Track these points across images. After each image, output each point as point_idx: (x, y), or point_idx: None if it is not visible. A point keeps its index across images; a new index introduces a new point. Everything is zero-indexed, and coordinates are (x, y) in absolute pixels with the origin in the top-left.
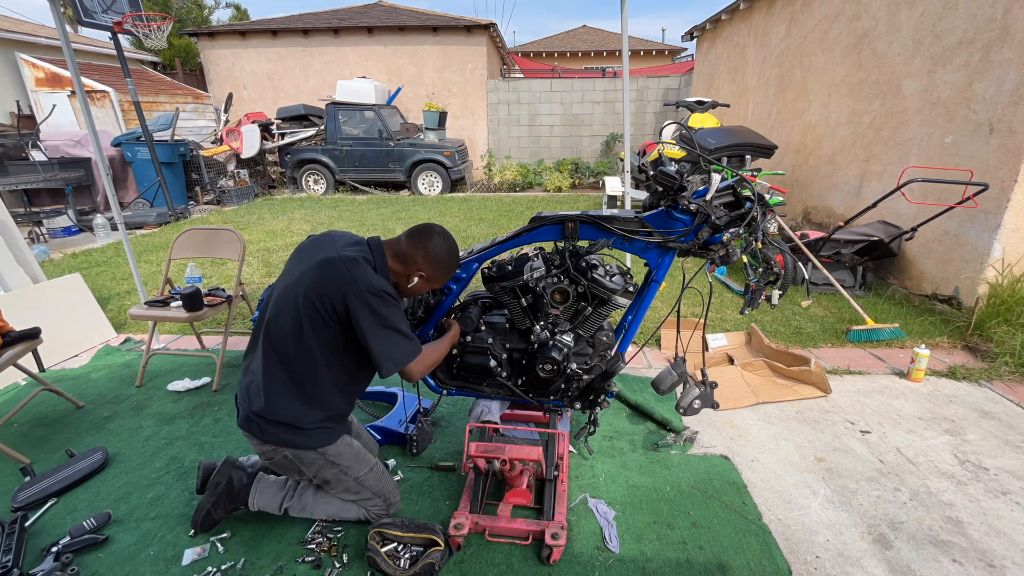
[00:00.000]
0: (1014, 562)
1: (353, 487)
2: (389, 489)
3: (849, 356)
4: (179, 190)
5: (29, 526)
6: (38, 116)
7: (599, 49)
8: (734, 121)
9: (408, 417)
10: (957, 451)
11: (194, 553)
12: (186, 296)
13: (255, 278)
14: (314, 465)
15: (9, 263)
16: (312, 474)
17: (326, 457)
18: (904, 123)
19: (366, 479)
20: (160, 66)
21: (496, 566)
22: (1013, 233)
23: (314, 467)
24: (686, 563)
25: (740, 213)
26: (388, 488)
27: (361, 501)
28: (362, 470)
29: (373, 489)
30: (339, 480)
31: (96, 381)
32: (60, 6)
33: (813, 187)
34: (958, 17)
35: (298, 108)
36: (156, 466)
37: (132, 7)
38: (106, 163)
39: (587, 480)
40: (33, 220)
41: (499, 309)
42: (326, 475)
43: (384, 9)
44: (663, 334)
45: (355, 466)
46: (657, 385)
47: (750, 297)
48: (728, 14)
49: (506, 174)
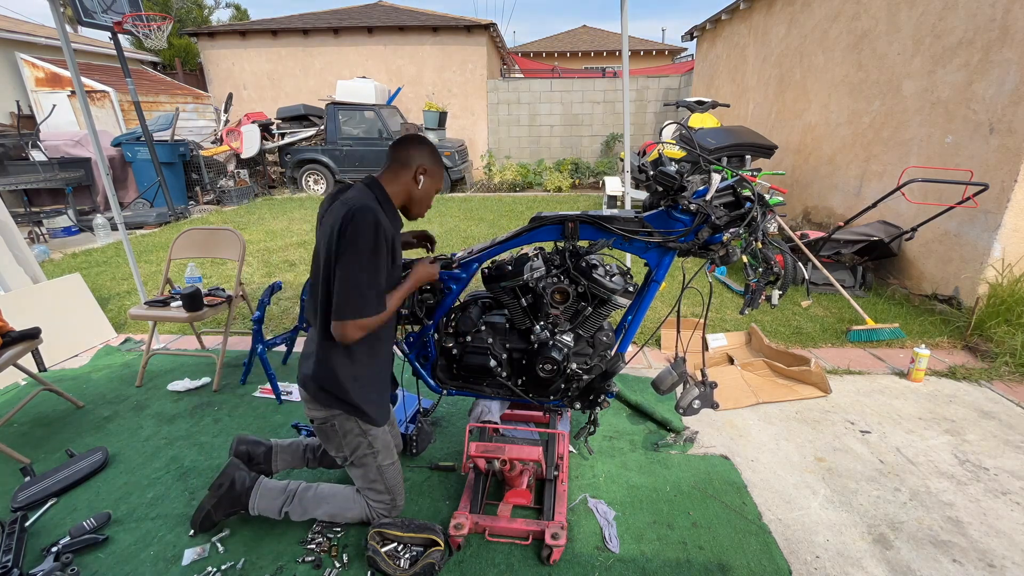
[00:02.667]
0: (1014, 562)
1: (373, 475)
2: (399, 488)
3: (849, 356)
4: (179, 190)
5: (29, 526)
6: (38, 116)
7: (599, 49)
8: (734, 121)
9: (408, 417)
10: (957, 451)
11: (194, 553)
12: (186, 296)
13: (255, 278)
14: (352, 437)
15: (9, 263)
16: (348, 450)
17: (366, 435)
18: (904, 123)
19: (387, 471)
20: (160, 66)
21: (496, 566)
22: (1013, 233)
23: (352, 441)
24: (686, 563)
25: (740, 213)
26: (399, 487)
27: (372, 494)
28: (387, 460)
29: (388, 483)
30: (366, 463)
31: (96, 381)
32: (60, 6)
33: (813, 187)
34: (958, 17)
35: (298, 108)
36: (156, 466)
37: (132, 7)
38: (106, 163)
39: (587, 480)
40: (33, 220)
41: (499, 309)
42: (359, 454)
43: (384, 9)
44: (663, 334)
45: (383, 453)
46: (657, 385)
47: (750, 297)
48: (728, 14)
49: (506, 174)
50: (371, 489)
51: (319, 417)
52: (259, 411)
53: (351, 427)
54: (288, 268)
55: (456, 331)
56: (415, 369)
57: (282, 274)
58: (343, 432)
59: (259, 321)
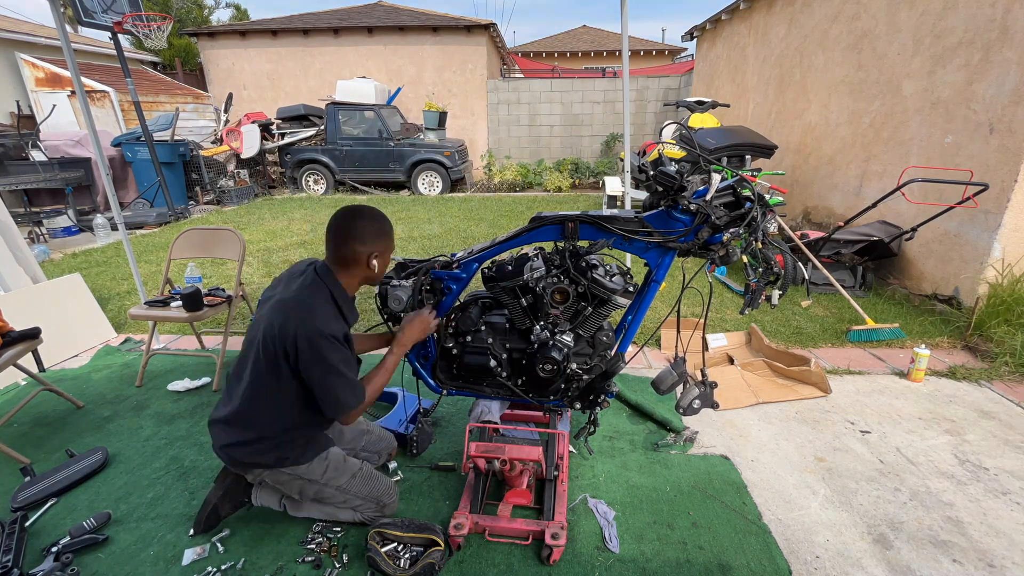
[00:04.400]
0: (1014, 562)
1: (338, 496)
2: (381, 490)
3: (849, 356)
4: (179, 190)
5: (29, 526)
6: (38, 116)
7: (599, 49)
8: (734, 121)
9: (408, 417)
10: (957, 451)
11: (194, 553)
12: (186, 296)
13: (255, 278)
14: (291, 484)
15: (9, 263)
16: (296, 493)
17: (299, 475)
18: (904, 123)
19: (350, 486)
20: (160, 66)
21: (496, 566)
22: (1013, 233)
23: (293, 486)
24: (686, 563)
25: (740, 213)
26: (378, 490)
27: (355, 503)
28: (343, 478)
29: (360, 494)
30: (321, 492)
31: (96, 381)
32: (60, 6)
33: (813, 187)
34: (958, 17)
35: (298, 108)
36: (156, 466)
37: (132, 7)
38: (106, 163)
39: (587, 480)
40: (33, 220)
41: (499, 309)
42: (308, 491)
43: (384, 9)
44: (663, 334)
45: (335, 476)
46: (657, 385)
47: (750, 297)
48: (728, 14)
49: (506, 174)
50: (347, 504)
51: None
52: None
53: (282, 478)
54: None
55: (456, 331)
56: (415, 369)
57: None
58: (276, 483)
59: None
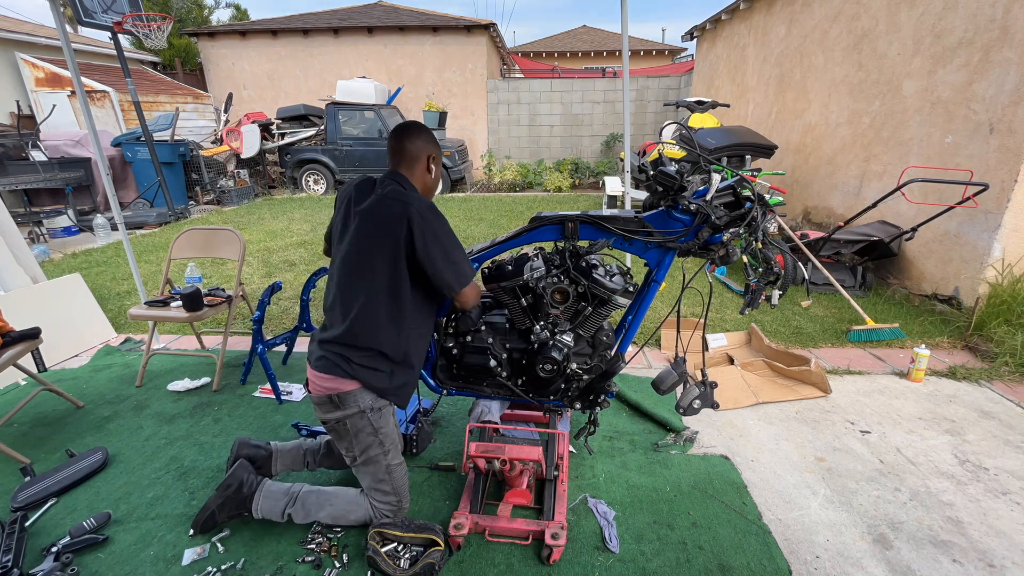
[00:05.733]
0: (1014, 562)
1: (382, 474)
2: (405, 491)
3: (849, 356)
4: (179, 190)
5: (29, 526)
6: (38, 116)
7: (599, 49)
8: (734, 121)
9: (408, 417)
10: (957, 451)
11: (194, 553)
12: (186, 296)
13: (255, 278)
14: (364, 436)
15: (9, 263)
16: (359, 450)
17: (378, 433)
18: (904, 123)
19: (395, 471)
20: (160, 66)
21: (496, 566)
22: (1013, 233)
23: (363, 439)
24: (686, 563)
25: (740, 213)
26: (404, 488)
27: (378, 495)
28: (396, 459)
29: (395, 484)
30: (376, 461)
31: (96, 381)
32: (60, 6)
33: (813, 187)
34: (958, 17)
35: (298, 108)
36: (156, 466)
37: (132, 7)
38: (106, 163)
39: (587, 480)
40: (33, 220)
41: (499, 309)
42: (369, 453)
43: (384, 9)
44: (663, 334)
45: (393, 452)
46: (657, 385)
47: (750, 297)
48: (728, 14)
49: (506, 174)
50: (378, 490)
51: (332, 418)
52: (259, 411)
53: (363, 426)
54: (288, 268)
55: (456, 331)
56: None
57: (282, 274)
58: (355, 431)
59: (259, 321)
